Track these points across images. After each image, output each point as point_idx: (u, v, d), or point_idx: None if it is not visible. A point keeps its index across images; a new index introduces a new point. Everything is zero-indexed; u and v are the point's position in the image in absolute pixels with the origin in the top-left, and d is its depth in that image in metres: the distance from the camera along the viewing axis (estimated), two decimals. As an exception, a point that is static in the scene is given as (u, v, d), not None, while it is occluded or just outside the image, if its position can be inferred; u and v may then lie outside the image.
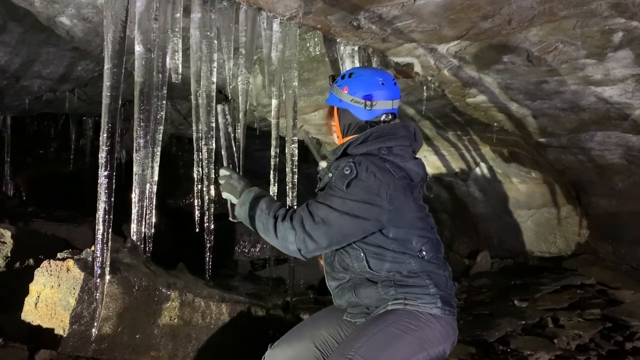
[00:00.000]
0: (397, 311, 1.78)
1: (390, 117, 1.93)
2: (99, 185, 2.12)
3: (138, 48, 2.48)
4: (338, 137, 2.02)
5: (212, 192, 3.06)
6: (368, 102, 1.91)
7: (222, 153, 2.00)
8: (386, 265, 1.81)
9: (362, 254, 1.81)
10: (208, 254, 3.15)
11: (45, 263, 2.44)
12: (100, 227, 2.11)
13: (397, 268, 1.81)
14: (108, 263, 2.19)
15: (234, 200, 1.89)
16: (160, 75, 2.61)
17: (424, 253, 1.84)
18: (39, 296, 2.42)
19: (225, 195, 1.91)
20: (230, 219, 1.96)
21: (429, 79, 3.94)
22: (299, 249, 1.74)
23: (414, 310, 1.78)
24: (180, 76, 2.74)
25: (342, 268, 1.89)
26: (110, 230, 2.13)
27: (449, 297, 1.85)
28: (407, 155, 1.88)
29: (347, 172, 1.75)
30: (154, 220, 2.84)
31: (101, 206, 2.11)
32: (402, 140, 1.88)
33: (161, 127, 2.73)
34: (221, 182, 1.91)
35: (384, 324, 1.76)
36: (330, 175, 1.82)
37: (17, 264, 3.33)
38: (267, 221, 1.78)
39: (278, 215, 1.78)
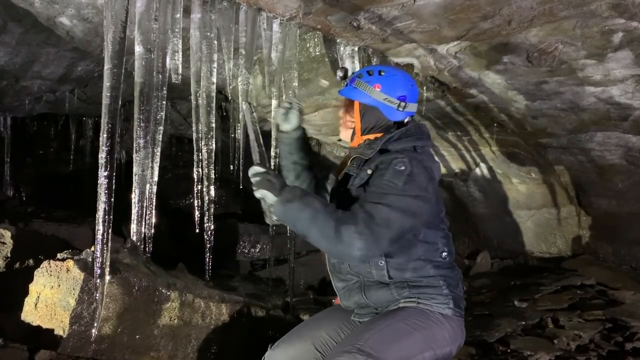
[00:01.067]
0: (408, 308, 1.79)
1: (409, 118, 1.95)
2: (99, 185, 2.12)
3: (138, 48, 2.48)
4: (356, 133, 1.95)
5: (212, 192, 3.06)
6: (402, 103, 1.89)
7: (254, 150, 1.86)
8: (406, 274, 1.80)
9: (383, 263, 1.79)
10: (208, 254, 3.15)
11: (45, 263, 2.44)
12: (100, 228, 2.11)
13: (416, 276, 1.81)
14: (108, 263, 2.19)
15: (271, 199, 1.71)
16: (160, 76, 2.61)
17: (445, 254, 1.86)
18: (38, 296, 2.42)
19: (260, 193, 1.72)
20: (268, 221, 1.79)
21: (429, 79, 3.94)
22: (364, 255, 1.62)
23: (426, 309, 1.78)
24: (180, 77, 2.75)
25: (353, 272, 1.87)
26: (110, 230, 2.13)
27: (460, 299, 1.87)
28: (431, 155, 1.92)
29: (402, 169, 1.70)
30: (153, 220, 2.84)
31: (101, 206, 2.12)
32: (427, 141, 1.92)
33: (161, 128, 2.73)
34: (255, 179, 1.72)
35: (393, 319, 1.75)
36: (369, 172, 1.77)
37: (17, 265, 3.32)
38: (326, 224, 1.62)
39: (339, 219, 1.63)
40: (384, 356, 1.62)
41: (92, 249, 2.36)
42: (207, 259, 3.17)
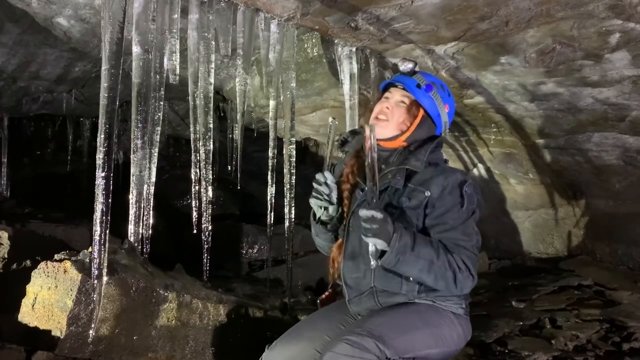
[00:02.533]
0: (422, 304, 1.80)
1: None
2: (96, 186, 2.11)
3: (136, 49, 2.48)
4: (401, 136, 1.88)
5: (210, 193, 3.06)
6: (448, 130, 1.97)
7: (369, 186, 1.68)
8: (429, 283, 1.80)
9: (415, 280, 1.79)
10: (206, 255, 3.15)
11: (42, 264, 2.44)
12: (97, 229, 2.11)
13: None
14: (105, 264, 2.19)
15: (382, 246, 1.64)
16: (157, 76, 2.61)
17: None
18: (36, 297, 2.41)
19: (374, 241, 1.63)
20: (374, 265, 1.69)
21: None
22: (471, 287, 1.76)
23: (440, 307, 1.81)
24: (177, 77, 2.74)
25: (377, 284, 1.84)
26: (107, 231, 2.13)
27: (469, 298, 1.93)
28: None
29: (471, 193, 1.76)
30: (151, 221, 2.84)
31: (98, 207, 2.11)
32: None
33: (159, 128, 2.73)
34: (372, 226, 1.61)
35: (406, 311, 1.77)
36: (427, 194, 1.76)
37: (14, 266, 3.32)
38: (445, 275, 1.68)
39: (452, 264, 1.69)
40: (391, 342, 1.63)
41: (90, 249, 2.36)
42: (205, 260, 3.17)
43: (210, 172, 3.03)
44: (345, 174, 1.96)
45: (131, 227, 2.67)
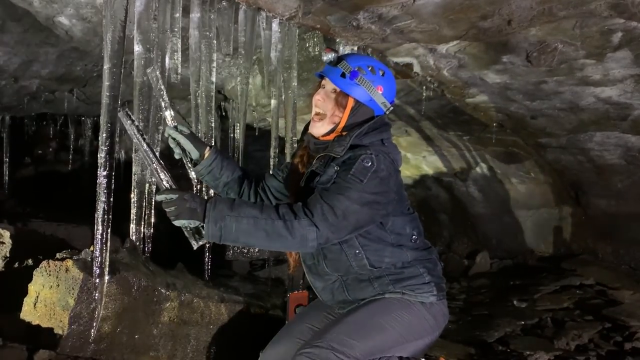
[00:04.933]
0: (390, 300, 1.79)
1: None
2: (98, 185, 2.12)
3: (137, 48, 2.48)
4: (336, 129, 1.82)
5: (211, 192, 3.06)
6: (391, 107, 1.88)
7: (153, 170, 1.65)
8: (385, 260, 1.79)
9: (360, 253, 1.78)
10: (207, 254, 3.15)
11: (44, 263, 2.44)
12: (99, 227, 2.12)
13: (394, 261, 1.80)
14: (107, 263, 2.19)
15: (196, 224, 1.58)
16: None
17: (415, 237, 1.86)
18: (37, 296, 2.42)
19: (181, 222, 1.57)
20: (196, 246, 1.63)
21: (429, 79, 3.94)
22: (320, 242, 1.61)
23: (409, 299, 1.78)
24: (179, 76, 2.74)
25: (331, 270, 1.84)
26: (109, 230, 2.13)
27: (441, 281, 1.88)
28: (395, 145, 1.89)
29: (369, 165, 1.68)
30: (153, 220, 2.84)
31: (100, 206, 2.12)
32: (390, 132, 1.87)
33: (160, 128, 2.73)
34: (170, 208, 1.55)
35: (371, 312, 1.75)
36: (336, 168, 1.72)
37: (16, 264, 3.31)
38: (274, 225, 1.57)
39: (284, 215, 1.58)
40: (351, 351, 1.63)
41: (91, 248, 2.36)
42: (206, 259, 3.18)
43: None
44: (299, 156, 1.96)
45: (133, 226, 2.68)
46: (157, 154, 1.68)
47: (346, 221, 1.63)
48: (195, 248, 1.63)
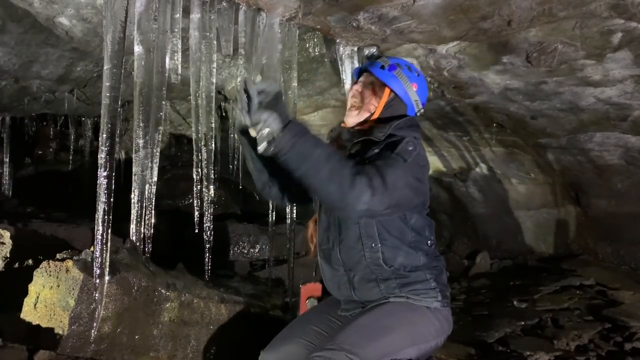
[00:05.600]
0: (395, 303, 1.79)
1: None
2: (98, 185, 2.12)
3: (137, 49, 2.48)
4: (370, 119, 1.88)
5: (212, 192, 3.06)
6: (422, 109, 1.95)
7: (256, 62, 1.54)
8: (399, 259, 1.80)
9: (377, 245, 1.79)
10: (207, 254, 3.15)
11: (44, 264, 2.44)
12: (99, 228, 2.12)
13: (406, 263, 1.81)
14: (107, 264, 2.19)
15: (277, 126, 1.50)
16: (159, 76, 2.61)
17: (431, 242, 1.89)
18: (38, 297, 2.42)
19: (263, 115, 1.49)
20: (262, 149, 1.52)
21: (428, 79, 3.94)
22: (368, 208, 1.59)
23: (414, 304, 1.79)
24: (179, 77, 2.74)
25: (344, 258, 1.85)
26: (109, 230, 2.13)
27: (446, 289, 1.89)
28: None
29: (411, 149, 1.72)
30: (153, 220, 2.84)
31: (100, 207, 2.12)
32: (420, 134, 1.91)
33: (160, 128, 2.74)
34: (261, 98, 1.49)
35: (378, 316, 1.77)
36: (376, 151, 1.76)
37: (16, 265, 3.32)
38: (342, 169, 1.54)
39: (353, 167, 1.58)
40: (363, 352, 1.63)
41: (92, 249, 2.36)
42: (207, 259, 3.17)
43: (212, 171, 3.04)
44: None
45: (133, 227, 2.68)
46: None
47: (392, 194, 1.63)
48: (261, 151, 1.53)
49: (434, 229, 1.94)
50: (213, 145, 2.98)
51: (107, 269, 2.23)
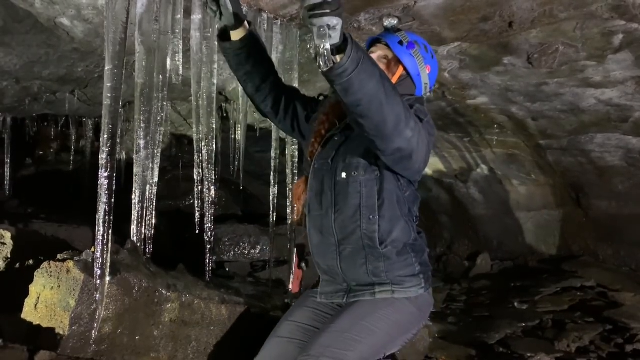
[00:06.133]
0: (374, 301, 1.77)
1: None
2: (99, 186, 2.11)
3: (139, 49, 2.48)
4: None
5: (212, 193, 3.06)
6: (429, 93, 1.92)
7: None
8: (394, 234, 1.76)
9: (375, 217, 1.74)
10: (208, 255, 3.15)
11: (45, 264, 2.44)
12: (100, 229, 2.11)
13: (399, 239, 1.77)
14: (108, 264, 2.19)
15: (340, 37, 1.30)
16: (160, 77, 2.61)
17: (417, 217, 1.87)
18: (38, 297, 2.42)
19: (332, 20, 1.28)
20: (325, 66, 1.31)
21: (429, 80, 3.94)
22: (410, 141, 1.53)
23: (395, 297, 1.76)
24: (181, 77, 2.74)
25: (337, 229, 1.79)
26: (110, 231, 2.13)
27: (428, 269, 1.87)
28: None
29: (424, 112, 1.72)
30: (154, 221, 2.84)
31: (101, 207, 2.11)
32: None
33: (161, 129, 2.73)
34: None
35: (356, 316, 1.73)
36: None
37: (17, 265, 3.32)
38: (398, 97, 1.47)
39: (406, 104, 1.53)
40: (345, 358, 1.62)
41: (92, 249, 2.36)
42: (207, 260, 3.17)
43: (213, 172, 3.04)
44: (324, 113, 1.90)
45: (134, 227, 2.68)
46: None
47: (422, 142, 1.60)
48: (324, 69, 1.33)
49: (419, 202, 1.91)
50: (214, 146, 2.97)
51: (108, 270, 2.22)
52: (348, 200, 1.75)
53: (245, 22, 1.76)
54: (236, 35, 1.76)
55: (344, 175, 1.76)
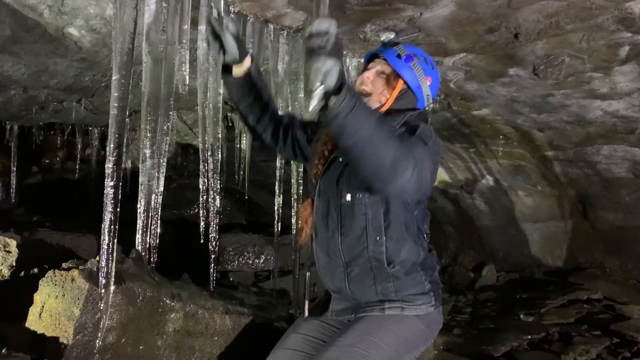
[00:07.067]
0: (383, 316, 1.75)
1: None
2: (105, 195, 2.12)
3: (146, 59, 2.49)
4: (380, 107, 1.80)
5: (217, 202, 3.06)
6: (432, 104, 1.91)
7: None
8: (402, 254, 1.74)
9: (382, 239, 1.72)
10: (212, 264, 3.14)
11: (50, 273, 2.44)
12: (105, 237, 2.11)
13: (407, 259, 1.75)
14: (113, 273, 2.19)
15: (335, 80, 1.32)
16: (167, 86, 2.62)
17: (427, 235, 1.84)
18: (43, 306, 2.42)
19: (328, 63, 1.29)
20: (316, 105, 1.35)
21: (435, 91, 3.94)
22: (407, 184, 1.46)
23: (404, 314, 1.75)
24: (187, 87, 2.75)
25: (344, 249, 1.77)
26: (115, 240, 2.13)
27: (438, 287, 1.84)
28: None
29: (429, 134, 1.66)
30: (159, 230, 2.84)
31: (107, 216, 2.11)
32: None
33: (167, 138, 2.74)
34: (325, 41, 1.28)
35: (364, 331, 1.71)
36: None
37: (22, 274, 3.32)
38: (394, 140, 1.44)
39: (400, 138, 1.50)
40: None
41: (97, 258, 2.36)
42: (212, 270, 3.17)
43: (218, 181, 3.04)
44: (326, 133, 1.85)
45: (139, 236, 2.67)
46: None
47: (421, 174, 1.52)
48: (313, 110, 1.36)
49: (429, 220, 1.87)
50: (219, 155, 2.98)
51: (113, 279, 2.22)
52: (354, 222, 1.74)
53: (248, 56, 1.79)
54: (239, 69, 1.79)
55: (348, 197, 1.74)
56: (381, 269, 1.75)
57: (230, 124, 6.12)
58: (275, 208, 3.59)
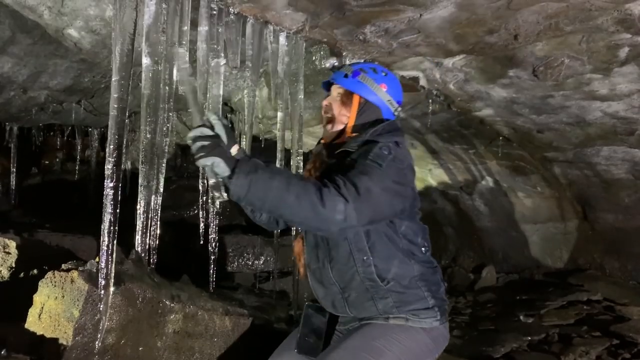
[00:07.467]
0: (393, 327, 1.75)
1: None
2: (104, 196, 2.12)
3: (145, 60, 2.49)
4: (346, 130, 1.84)
5: (217, 204, 3.06)
6: (399, 108, 1.91)
7: (192, 107, 1.53)
8: (393, 270, 1.74)
9: (369, 259, 1.73)
10: (212, 266, 3.14)
11: (49, 274, 2.44)
12: (105, 239, 2.11)
13: (401, 274, 1.75)
14: (112, 274, 2.19)
15: (225, 171, 1.44)
16: (167, 88, 2.62)
17: (425, 249, 1.83)
18: (42, 307, 2.42)
19: (209, 161, 1.43)
20: (218, 198, 1.48)
21: (435, 92, 3.95)
22: (346, 218, 1.49)
23: (411, 326, 1.75)
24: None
25: (336, 277, 1.79)
26: (115, 241, 2.13)
27: (444, 303, 1.84)
28: (409, 151, 1.85)
29: (386, 153, 1.66)
30: (158, 231, 2.84)
31: (106, 217, 2.12)
32: (404, 138, 1.86)
33: (167, 139, 2.74)
34: (200, 144, 1.43)
35: (368, 336, 1.72)
36: (351, 158, 1.71)
37: (22, 275, 3.32)
38: (305, 189, 1.48)
39: (317, 183, 1.52)
40: None
41: (97, 259, 2.36)
42: (211, 271, 3.17)
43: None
44: (307, 170, 1.92)
45: (138, 238, 2.68)
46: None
47: (368, 202, 1.54)
48: (218, 199, 1.49)
49: (427, 235, 1.87)
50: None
51: (112, 280, 2.22)
52: (339, 249, 1.77)
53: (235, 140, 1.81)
54: None
55: None
56: (377, 287, 1.75)
57: (230, 125, 6.12)
58: (275, 209, 3.58)
